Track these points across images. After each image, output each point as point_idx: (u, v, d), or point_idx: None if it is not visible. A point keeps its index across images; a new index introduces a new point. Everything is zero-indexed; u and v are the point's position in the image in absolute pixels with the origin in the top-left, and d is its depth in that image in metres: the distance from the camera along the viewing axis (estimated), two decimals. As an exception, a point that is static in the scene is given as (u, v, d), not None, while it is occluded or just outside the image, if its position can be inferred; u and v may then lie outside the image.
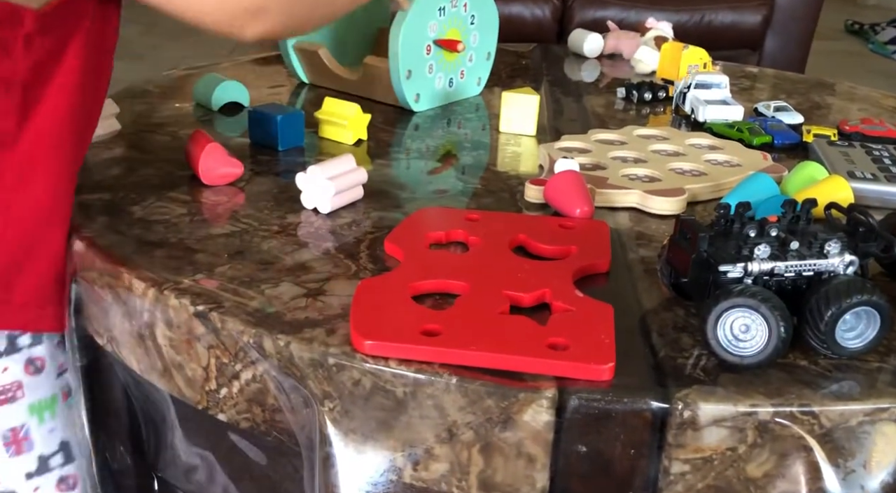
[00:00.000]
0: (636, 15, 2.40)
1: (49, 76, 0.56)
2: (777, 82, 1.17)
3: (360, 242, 0.60)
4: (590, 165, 0.75)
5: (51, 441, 0.63)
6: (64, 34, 0.56)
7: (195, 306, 0.50)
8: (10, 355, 0.59)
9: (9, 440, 0.61)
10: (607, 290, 0.55)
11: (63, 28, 0.56)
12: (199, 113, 0.88)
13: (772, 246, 0.47)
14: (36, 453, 0.62)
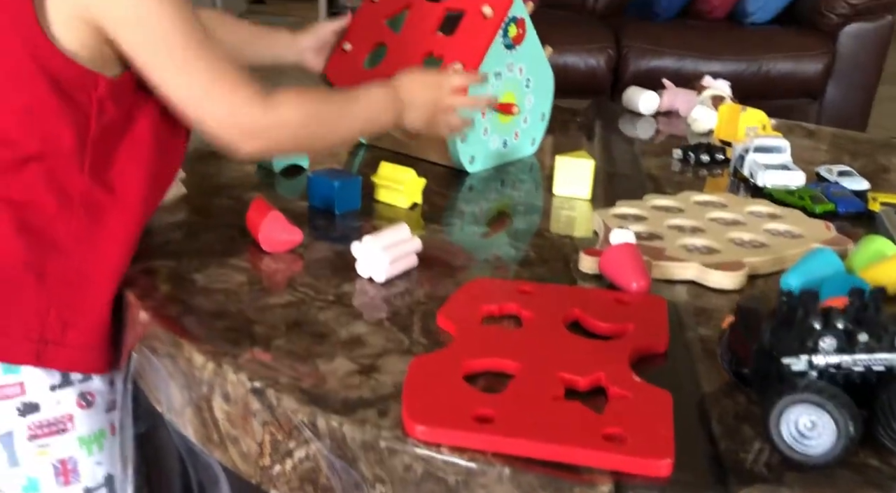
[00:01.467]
0: (692, 64, 2.39)
1: (119, 141, 0.61)
2: (839, 142, 1.14)
3: (413, 314, 0.61)
4: (646, 234, 0.74)
5: (97, 474, 0.65)
6: (135, 103, 0.61)
7: (252, 382, 0.50)
8: (63, 388, 0.62)
9: (59, 470, 0.63)
10: (665, 371, 0.54)
11: (134, 97, 0.61)
12: (261, 175, 0.90)
13: (838, 338, 0.45)
14: (82, 485, 0.64)
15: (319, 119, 0.68)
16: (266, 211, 0.70)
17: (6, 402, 0.61)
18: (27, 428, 0.62)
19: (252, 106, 0.62)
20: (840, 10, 2.37)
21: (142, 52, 0.59)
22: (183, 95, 0.60)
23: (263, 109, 0.62)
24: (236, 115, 0.61)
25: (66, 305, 0.60)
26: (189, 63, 0.59)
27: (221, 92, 0.61)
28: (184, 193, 0.81)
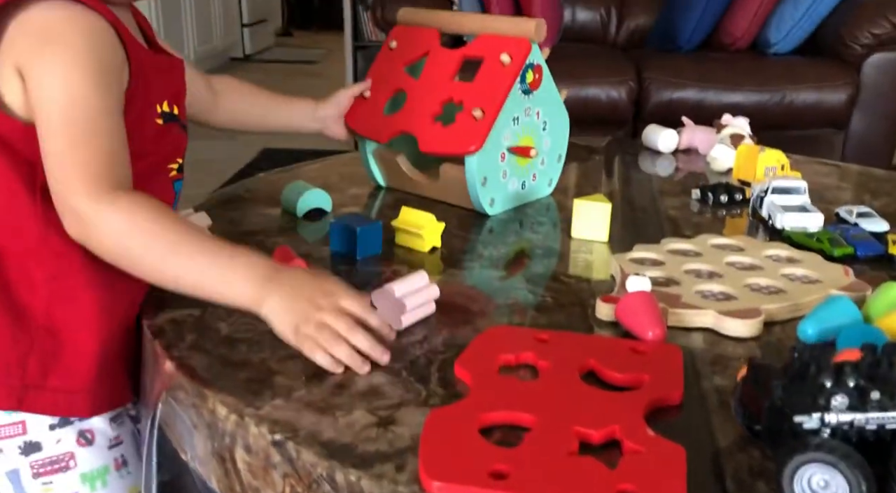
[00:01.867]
0: (714, 96, 2.40)
1: None
2: (861, 179, 1.14)
3: (431, 363, 0.62)
4: (662, 280, 0.75)
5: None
6: None
7: (273, 434, 0.52)
8: (62, 427, 0.66)
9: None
10: (679, 424, 0.55)
11: None
12: (284, 220, 0.93)
13: (850, 396, 0.46)
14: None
15: (156, 248, 0.59)
16: (289, 259, 0.72)
17: (9, 441, 0.64)
18: (30, 466, 0.65)
19: (88, 190, 0.58)
20: (864, 40, 2.37)
21: (35, 102, 0.60)
22: (45, 154, 0.60)
23: (99, 198, 0.58)
24: (71, 192, 0.59)
25: (47, 350, 0.63)
26: (63, 129, 0.60)
27: (72, 166, 0.59)
28: (209, 224, 0.84)
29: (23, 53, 0.61)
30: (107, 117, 0.61)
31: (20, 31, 0.61)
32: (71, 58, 0.60)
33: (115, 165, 0.60)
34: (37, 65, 0.60)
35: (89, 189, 0.58)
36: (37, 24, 0.61)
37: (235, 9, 5.26)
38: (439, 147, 0.93)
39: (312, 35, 6.68)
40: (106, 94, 0.61)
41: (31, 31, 0.61)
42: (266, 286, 0.59)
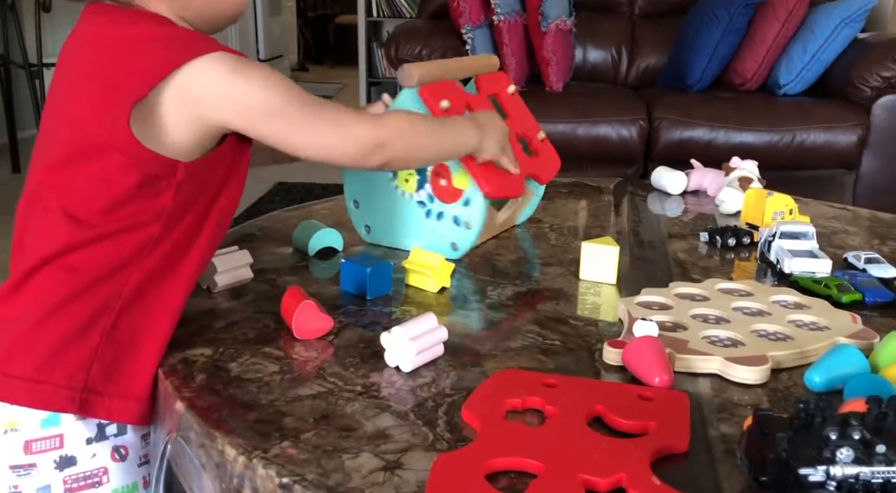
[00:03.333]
0: (724, 136, 2.42)
1: (185, 216, 0.68)
2: (870, 225, 1.14)
3: (439, 407, 0.62)
4: (670, 324, 0.75)
5: None
6: (204, 179, 0.69)
7: (280, 477, 0.52)
8: (99, 441, 0.68)
9: None
10: (685, 472, 0.55)
11: (204, 176, 0.68)
12: (296, 258, 0.94)
13: (855, 449, 0.46)
14: None
15: (421, 131, 0.78)
16: (299, 299, 0.73)
17: (44, 455, 0.65)
18: (63, 482, 0.66)
19: (369, 126, 0.72)
20: (873, 82, 2.38)
21: (275, 133, 0.69)
22: (311, 139, 0.70)
23: (376, 125, 0.73)
24: (364, 133, 0.71)
25: (112, 358, 0.66)
26: (312, 116, 0.69)
27: (347, 122, 0.71)
28: (250, 277, 0.85)
29: (208, 102, 0.65)
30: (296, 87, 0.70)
31: (196, 85, 0.64)
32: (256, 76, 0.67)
33: (336, 103, 0.73)
34: (235, 100, 0.66)
35: (360, 121, 0.72)
36: (212, 72, 0.65)
37: (252, 44, 5.37)
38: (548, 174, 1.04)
39: (328, 70, 6.80)
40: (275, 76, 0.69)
41: (212, 80, 0.65)
42: (479, 133, 0.85)
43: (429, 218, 0.94)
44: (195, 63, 0.64)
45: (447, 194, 0.93)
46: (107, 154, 0.64)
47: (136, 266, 0.67)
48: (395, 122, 0.75)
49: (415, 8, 3.92)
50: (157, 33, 0.66)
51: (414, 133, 0.77)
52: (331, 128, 0.70)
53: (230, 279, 0.84)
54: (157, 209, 0.66)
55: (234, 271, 0.84)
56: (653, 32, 2.91)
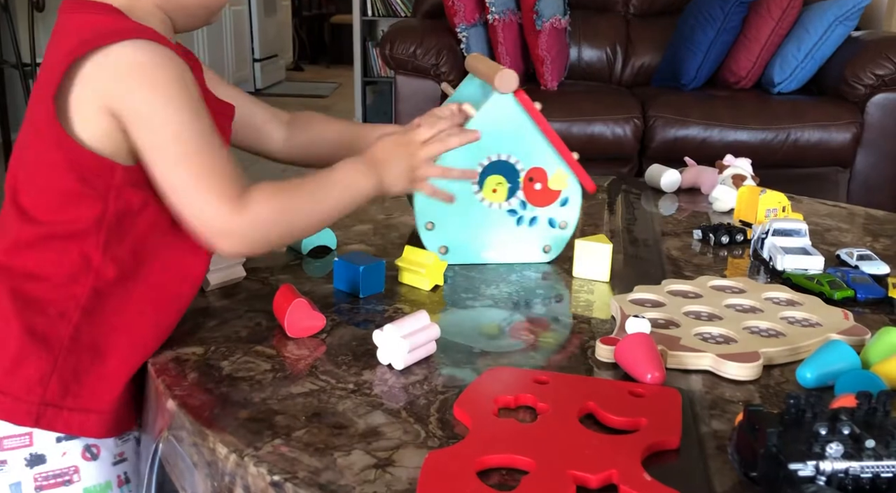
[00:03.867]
0: (719, 134, 2.42)
1: (134, 224, 0.66)
2: (862, 222, 1.14)
3: (431, 405, 0.62)
4: (662, 321, 0.75)
5: None
6: (148, 188, 0.66)
7: (272, 475, 0.52)
8: (69, 440, 0.67)
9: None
10: (677, 468, 0.55)
11: (147, 182, 0.66)
12: (289, 257, 0.94)
13: (845, 444, 0.46)
14: None
15: (293, 212, 0.69)
16: (292, 298, 0.73)
17: (15, 452, 0.65)
18: (34, 479, 0.66)
19: (222, 208, 0.64)
20: (867, 80, 2.39)
21: (143, 146, 0.64)
22: (165, 191, 0.65)
23: (234, 211, 0.64)
24: (209, 216, 0.65)
25: (71, 371, 0.65)
26: (176, 164, 0.64)
27: (199, 194, 0.64)
28: (243, 275, 0.85)
29: (115, 96, 0.62)
30: (212, 135, 0.66)
31: (107, 73, 0.62)
32: (166, 94, 0.63)
33: (234, 175, 0.66)
34: (136, 107, 0.63)
35: (228, 209, 0.64)
36: (124, 64, 0.62)
37: (247, 44, 5.36)
38: None
39: (323, 70, 6.79)
40: (204, 116, 0.66)
41: (121, 73, 0.62)
42: (373, 172, 0.75)
43: (520, 225, 0.93)
44: (110, 48, 0.62)
45: (542, 198, 0.92)
46: (49, 148, 0.64)
47: (88, 276, 0.65)
48: (261, 210, 0.66)
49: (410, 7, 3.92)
50: (94, 21, 0.64)
51: (279, 219, 0.68)
52: (183, 187, 0.64)
53: (222, 278, 0.83)
54: (96, 215, 0.64)
55: (226, 269, 0.84)
56: (647, 31, 2.92)
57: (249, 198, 0.66)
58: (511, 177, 0.91)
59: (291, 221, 0.69)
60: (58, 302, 0.65)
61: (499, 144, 0.89)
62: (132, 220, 0.66)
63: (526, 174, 0.91)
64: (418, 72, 2.53)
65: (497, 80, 0.86)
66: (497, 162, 0.90)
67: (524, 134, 0.89)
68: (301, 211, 0.70)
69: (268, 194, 0.67)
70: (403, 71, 2.55)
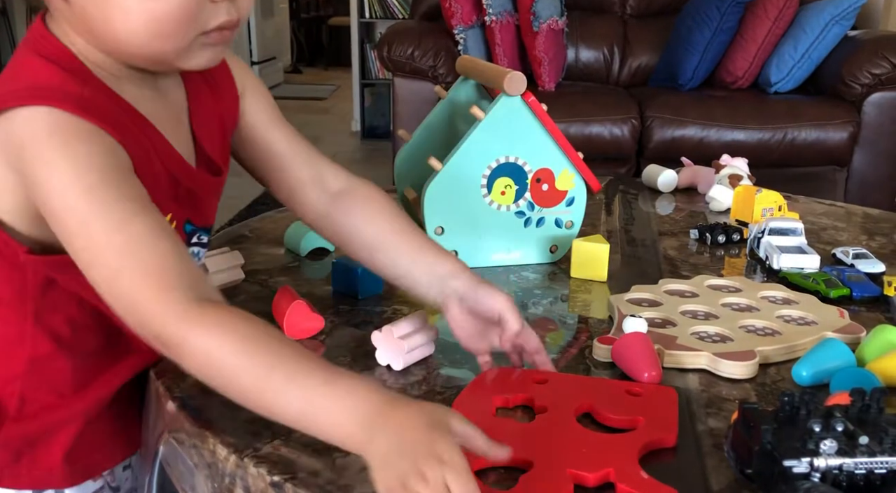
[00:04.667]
0: (716, 134, 2.43)
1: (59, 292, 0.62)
2: (859, 221, 1.15)
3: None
4: (659, 321, 0.76)
5: None
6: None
7: (272, 475, 0.53)
8: None
9: None
10: (674, 467, 0.55)
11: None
12: (288, 259, 0.94)
13: (839, 441, 0.46)
14: None
15: (245, 372, 0.51)
16: (291, 299, 0.74)
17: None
18: None
19: (163, 308, 0.51)
20: (863, 80, 2.40)
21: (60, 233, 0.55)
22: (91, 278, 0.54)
23: (176, 316, 0.51)
24: (144, 315, 0.52)
25: (19, 440, 0.64)
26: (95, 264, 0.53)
27: (129, 288, 0.52)
28: (241, 278, 0.86)
29: (22, 162, 0.55)
30: (142, 217, 0.54)
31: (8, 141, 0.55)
32: (68, 171, 0.53)
33: (176, 270, 0.52)
34: (37, 181, 0.54)
35: (164, 310, 0.51)
36: (19, 135, 0.54)
37: (245, 46, 5.37)
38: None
39: (321, 72, 6.80)
40: (127, 191, 0.55)
41: (16, 145, 0.54)
42: (373, 428, 0.48)
43: (527, 226, 0.93)
44: (21, 110, 0.54)
45: (549, 199, 0.93)
46: None
47: (24, 348, 0.62)
48: (214, 340, 0.50)
49: (407, 9, 3.92)
50: (26, 65, 0.58)
51: (225, 370, 0.51)
52: (113, 276, 0.52)
53: (221, 280, 0.84)
54: (17, 287, 0.61)
55: (225, 272, 0.84)
56: (645, 32, 2.92)
57: (208, 313, 0.51)
58: (519, 179, 0.92)
59: (237, 379, 0.51)
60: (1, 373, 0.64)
61: (507, 146, 0.90)
62: (58, 289, 0.62)
63: (533, 175, 0.92)
64: (416, 74, 2.54)
65: (506, 83, 0.86)
66: (505, 164, 0.91)
67: (532, 135, 0.90)
68: (258, 378, 0.51)
69: (233, 326, 0.51)
70: (401, 73, 2.56)
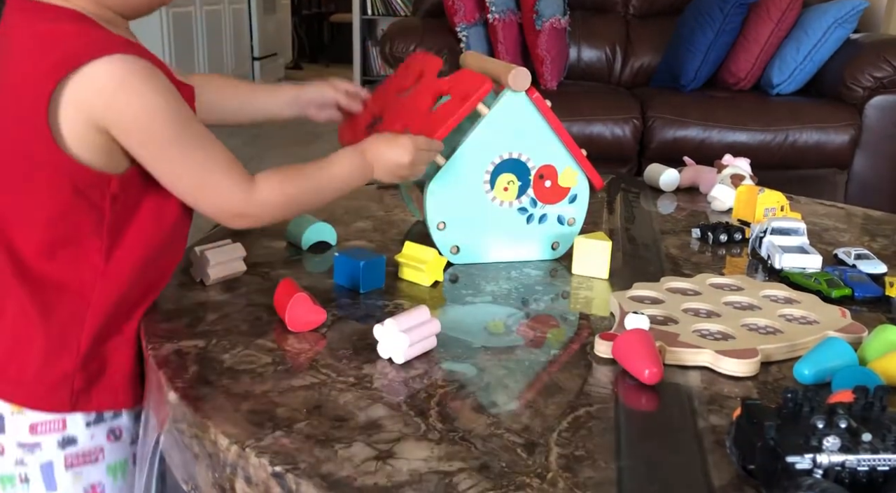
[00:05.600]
0: (718, 135, 2.43)
1: (129, 223, 0.71)
2: (860, 222, 1.15)
3: (431, 398, 0.63)
4: (661, 318, 0.76)
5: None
6: (140, 189, 0.71)
7: (273, 466, 0.53)
8: (97, 424, 0.73)
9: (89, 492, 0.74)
10: (676, 462, 0.55)
11: (138, 185, 0.70)
12: (289, 253, 0.94)
13: (842, 437, 0.46)
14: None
15: (297, 195, 0.77)
16: (293, 292, 0.73)
17: (49, 436, 0.71)
18: (64, 458, 0.72)
19: (236, 193, 0.71)
20: (865, 83, 2.40)
21: (143, 153, 0.68)
22: (179, 188, 0.70)
23: (246, 195, 0.72)
24: (224, 202, 0.71)
25: (89, 368, 0.70)
26: (183, 163, 0.69)
27: (211, 184, 0.71)
28: (243, 270, 0.86)
29: (102, 115, 0.65)
30: (204, 132, 0.70)
31: (90, 93, 0.64)
32: (154, 104, 0.66)
33: (237, 163, 0.72)
34: (127, 122, 0.66)
35: (235, 189, 0.71)
36: (106, 84, 0.64)
37: (247, 43, 5.36)
38: None
39: (322, 69, 6.79)
40: (191, 115, 0.70)
41: (105, 93, 0.64)
42: (368, 169, 0.82)
43: (529, 223, 0.93)
44: (90, 66, 0.63)
45: (552, 195, 0.93)
46: (37, 168, 0.66)
47: (94, 279, 0.70)
48: (269, 193, 0.73)
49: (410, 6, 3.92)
50: (62, 30, 0.65)
51: (286, 202, 0.75)
52: (198, 181, 0.70)
53: (223, 272, 0.84)
54: (94, 223, 0.69)
55: (227, 263, 0.84)
56: (647, 32, 2.92)
57: (258, 184, 0.73)
58: (522, 175, 0.91)
59: (295, 205, 0.77)
60: (71, 305, 0.70)
61: (511, 142, 0.90)
62: (130, 220, 0.71)
63: (536, 172, 0.91)
64: (418, 71, 2.53)
65: (511, 78, 0.86)
66: (508, 160, 0.90)
67: (535, 132, 0.90)
68: (303, 200, 0.78)
69: (274, 182, 0.74)
70: (403, 70, 2.55)
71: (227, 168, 0.71)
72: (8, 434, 0.71)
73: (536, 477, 0.52)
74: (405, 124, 0.92)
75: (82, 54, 0.63)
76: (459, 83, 0.91)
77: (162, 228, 0.73)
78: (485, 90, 0.87)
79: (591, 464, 0.54)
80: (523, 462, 0.54)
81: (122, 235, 0.71)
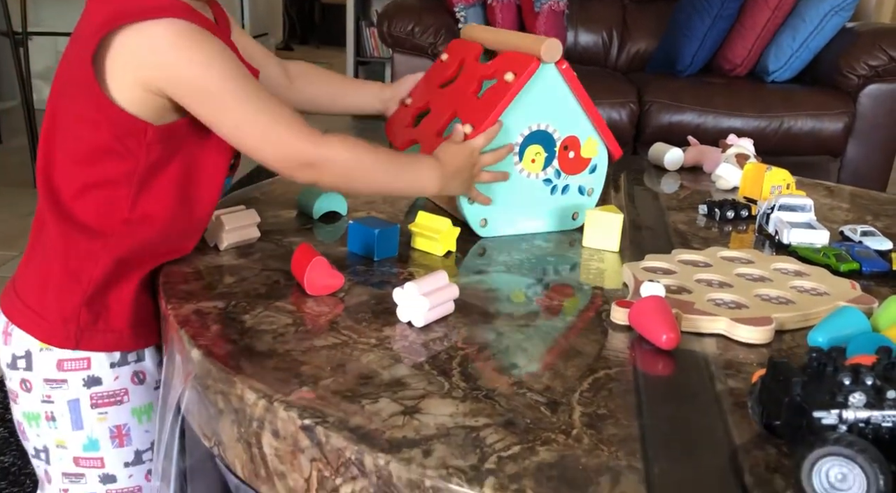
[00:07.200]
0: (713, 120, 2.44)
1: (159, 175, 0.73)
2: (862, 202, 1.16)
3: (452, 359, 0.63)
4: (675, 288, 0.76)
5: (145, 440, 0.78)
6: (174, 145, 0.72)
7: (302, 419, 0.53)
8: (121, 366, 0.76)
9: (114, 434, 0.76)
10: (698, 424, 0.56)
11: (174, 140, 0.72)
12: (301, 221, 0.94)
13: (867, 394, 0.47)
14: (133, 447, 0.78)
15: (365, 166, 0.76)
16: (311, 256, 0.74)
17: (75, 373, 0.74)
18: (90, 397, 0.74)
19: (303, 142, 0.72)
20: (860, 71, 2.42)
21: (207, 114, 0.70)
22: (244, 141, 0.72)
23: (314, 143, 0.72)
24: (291, 151, 0.72)
25: (96, 302, 0.73)
26: (245, 117, 0.71)
27: (275, 134, 0.71)
28: (257, 236, 0.86)
29: (156, 73, 0.67)
30: (265, 91, 0.72)
31: (144, 49, 0.67)
32: (212, 66, 0.68)
33: (299, 119, 0.73)
34: (175, 75, 0.67)
35: (303, 136, 0.72)
36: (164, 42, 0.66)
37: (238, 21, 5.31)
38: None
39: (312, 50, 6.74)
40: (251, 77, 0.71)
41: (162, 51, 0.67)
42: (441, 179, 0.82)
43: (553, 194, 0.94)
44: (143, 24, 0.66)
45: (575, 166, 0.94)
46: (87, 108, 0.69)
47: (118, 224, 0.72)
48: (339, 149, 0.74)
49: (405, -13, 3.89)
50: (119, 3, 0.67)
51: (355, 165, 0.75)
52: (264, 130, 0.71)
53: (237, 237, 0.84)
54: (128, 170, 0.71)
55: (241, 229, 0.84)
56: (644, 17, 2.93)
57: (330, 139, 0.73)
58: (548, 146, 0.92)
59: (360, 174, 0.76)
60: (91, 245, 0.72)
61: (539, 113, 0.90)
62: (160, 173, 0.73)
63: (562, 143, 0.92)
64: (416, 50, 2.53)
65: (543, 49, 0.87)
66: (536, 132, 0.91)
67: (563, 103, 0.91)
68: (370, 170, 0.77)
69: (350, 143, 0.75)
70: (401, 49, 2.55)
71: (290, 120, 0.71)
72: (35, 371, 0.73)
73: (562, 433, 0.53)
74: (454, 113, 0.92)
75: (144, 10, 0.66)
76: (505, 65, 0.91)
77: (191, 187, 0.74)
78: (533, 68, 0.88)
79: (615, 422, 0.55)
80: (547, 419, 0.55)
81: (150, 186, 0.72)
